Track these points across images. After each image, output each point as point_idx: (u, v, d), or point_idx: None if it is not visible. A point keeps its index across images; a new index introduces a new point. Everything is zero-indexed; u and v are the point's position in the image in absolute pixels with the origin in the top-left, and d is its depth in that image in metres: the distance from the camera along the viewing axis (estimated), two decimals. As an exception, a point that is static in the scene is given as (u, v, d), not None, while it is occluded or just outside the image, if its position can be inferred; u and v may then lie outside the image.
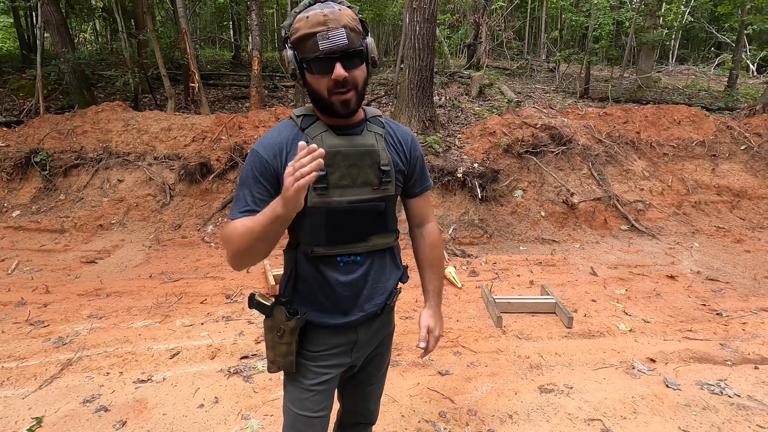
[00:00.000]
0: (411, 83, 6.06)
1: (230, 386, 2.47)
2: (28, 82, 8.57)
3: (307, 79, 1.11)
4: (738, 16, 10.50)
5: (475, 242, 4.84)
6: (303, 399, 1.25)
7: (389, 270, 1.30)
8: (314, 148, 0.92)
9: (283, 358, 1.21)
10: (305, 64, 1.08)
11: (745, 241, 5.03)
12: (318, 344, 1.24)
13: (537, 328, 3.18)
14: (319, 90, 1.09)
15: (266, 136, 1.18)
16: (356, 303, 1.22)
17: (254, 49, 7.32)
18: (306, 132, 1.15)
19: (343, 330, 1.24)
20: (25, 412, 2.26)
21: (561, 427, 2.19)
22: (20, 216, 5.21)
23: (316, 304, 1.21)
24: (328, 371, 1.26)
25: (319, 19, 1.02)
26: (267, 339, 1.23)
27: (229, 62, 13.09)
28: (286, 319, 1.17)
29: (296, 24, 1.06)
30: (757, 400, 2.38)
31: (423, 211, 1.38)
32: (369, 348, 1.33)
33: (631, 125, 6.47)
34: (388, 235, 1.25)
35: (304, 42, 1.05)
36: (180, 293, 3.68)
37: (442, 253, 1.44)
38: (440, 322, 1.40)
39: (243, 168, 1.17)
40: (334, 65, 1.04)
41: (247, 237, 1.04)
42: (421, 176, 1.33)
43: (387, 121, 1.26)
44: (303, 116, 1.18)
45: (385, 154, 1.18)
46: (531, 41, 16.87)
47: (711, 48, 17.78)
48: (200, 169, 5.50)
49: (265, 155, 1.13)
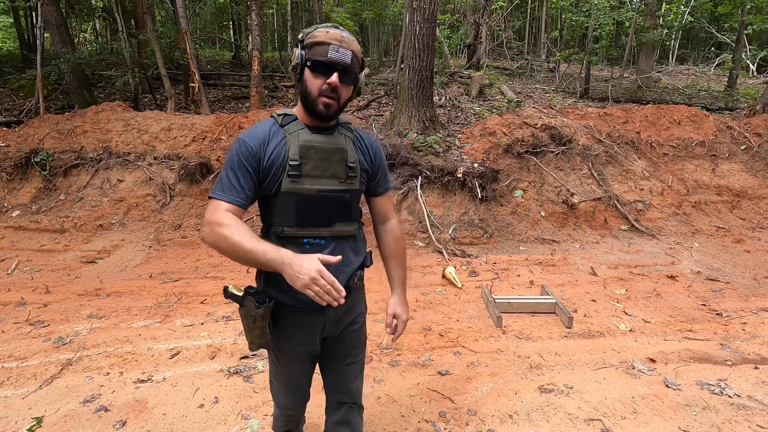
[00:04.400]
0: (411, 83, 6.06)
1: (230, 386, 2.47)
2: (28, 82, 8.57)
3: (304, 76, 1.28)
4: (738, 16, 10.51)
5: (475, 242, 4.84)
6: (282, 372, 1.47)
7: (351, 255, 1.42)
8: (341, 289, 1.10)
9: (259, 339, 1.36)
10: (309, 63, 1.26)
11: (745, 241, 5.03)
12: (290, 324, 1.39)
13: (537, 328, 3.18)
14: (312, 89, 1.27)
15: (251, 129, 1.33)
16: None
17: (254, 49, 7.32)
18: (285, 128, 1.32)
19: (312, 311, 1.38)
20: (25, 412, 2.26)
21: (561, 427, 2.19)
22: (20, 216, 5.21)
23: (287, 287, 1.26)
24: (302, 347, 1.43)
25: (337, 36, 1.25)
26: (243, 324, 1.37)
27: (229, 62, 13.09)
28: (255, 307, 1.30)
29: (317, 32, 1.27)
30: (757, 400, 2.38)
31: (385, 209, 1.56)
32: (340, 326, 1.46)
33: (631, 125, 6.47)
34: (351, 223, 1.41)
35: (318, 46, 1.25)
36: (180, 293, 3.68)
37: (404, 246, 1.61)
38: (406, 308, 1.56)
39: (229, 154, 1.30)
40: (332, 73, 1.25)
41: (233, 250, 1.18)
42: (384, 178, 1.51)
43: (355, 129, 1.46)
44: (283, 115, 1.35)
45: (352, 154, 1.37)
46: (531, 41, 16.87)
47: (711, 48, 17.78)
48: (200, 169, 5.50)
49: (251, 143, 1.28)
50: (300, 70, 1.28)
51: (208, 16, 16.02)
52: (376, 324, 3.20)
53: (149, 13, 7.80)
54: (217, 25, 16.76)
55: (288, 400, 1.57)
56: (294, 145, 1.30)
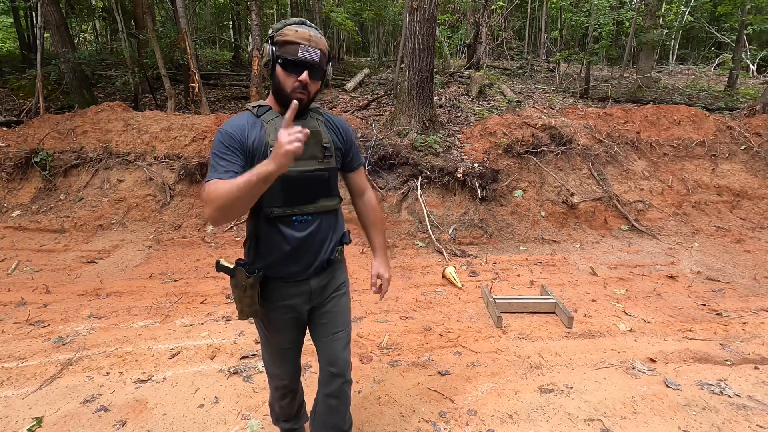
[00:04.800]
0: (411, 83, 6.06)
1: (230, 386, 2.47)
2: (28, 82, 8.56)
3: (276, 73, 1.39)
4: (738, 16, 10.51)
5: (475, 242, 4.84)
6: (271, 340, 1.61)
7: (333, 228, 1.59)
8: (301, 129, 1.19)
9: (249, 308, 1.49)
10: (281, 61, 1.37)
11: (745, 241, 5.03)
12: (278, 294, 1.53)
13: (537, 328, 3.18)
14: (285, 86, 1.39)
15: (229, 121, 1.43)
16: (308, 256, 1.51)
17: (254, 49, 7.32)
18: (261, 118, 1.44)
19: (298, 281, 1.53)
20: (25, 412, 2.26)
21: (561, 427, 2.19)
22: (20, 216, 5.21)
23: (275, 260, 1.49)
24: (290, 314, 1.56)
25: (305, 35, 1.36)
26: (234, 294, 1.50)
27: (229, 62, 13.09)
28: (246, 277, 1.44)
29: (286, 30, 1.36)
30: (757, 400, 2.38)
31: (361, 182, 1.71)
32: (325, 294, 1.61)
33: (631, 125, 6.47)
34: (332, 198, 1.56)
35: (288, 45, 1.35)
36: (180, 293, 3.68)
37: (382, 215, 1.78)
38: (389, 268, 1.75)
39: (213, 146, 1.39)
40: (302, 71, 1.36)
41: (233, 193, 1.21)
42: (356, 154, 1.66)
43: (324, 112, 1.59)
44: (258, 106, 1.47)
45: (326, 135, 1.51)
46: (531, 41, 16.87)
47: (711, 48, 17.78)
48: (200, 169, 5.50)
49: (233, 131, 1.38)
50: (272, 66, 1.39)
51: (208, 16, 16.02)
52: (376, 324, 3.21)
53: (149, 13, 7.80)
54: (217, 25, 16.76)
55: (279, 369, 1.67)
56: (272, 132, 1.40)
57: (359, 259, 4.41)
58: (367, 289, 3.74)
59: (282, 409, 1.82)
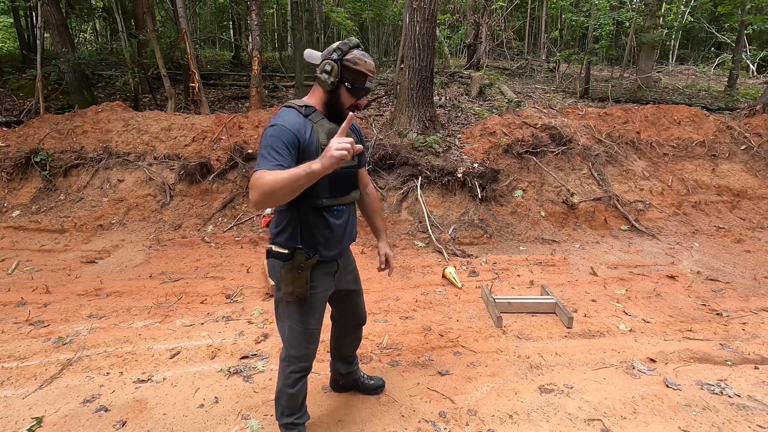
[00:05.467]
0: (411, 83, 6.05)
1: (230, 386, 2.47)
2: (28, 82, 8.56)
3: (339, 92, 1.63)
4: (738, 16, 10.51)
5: (475, 242, 4.84)
6: (309, 317, 1.77)
7: (354, 216, 1.91)
8: (353, 142, 1.37)
9: (301, 289, 1.67)
10: (348, 84, 1.61)
11: (745, 241, 5.03)
12: (317, 274, 1.74)
13: (537, 328, 3.18)
14: (344, 103, 1.64)
15: (286, 119, 1.57)
16: (341, 240, 1.78)
17: (254, 49, 7.32)
18: (309, 118, 1.62)
19: (330, 262, 1.79)
20: (25, 412, 2.26)
21: (561, 427, 2.19)
22: (20, 216, 5.21)
23: (316, 245, 1.70)
24: (324, 293, 1.81)
25: (372, 68, 1.65)
26: (287, 278, 1.66)
27: (229, 62, 13.09)
28: (306, 258, 1.65)
29: (358, 59, 1.61)
30: (757, 400, 2.38)
31: (365, 177, 2.05)
32: (344, 275, 1.92)
33: (631, 125, 6.47)
34: (357, 191, 1.86)
35: (359, 75, 1.61)
36: (180, 293, 3.68)
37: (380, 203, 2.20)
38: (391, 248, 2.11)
39: (268, 136, 1.52)
40: (362, 96, 1.67)
41: (279, 183, 1.35)
42: (364, 153, 1.88)
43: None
44: (305, 106, 1.64)
45: (354, 137, 1.81)
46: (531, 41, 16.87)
47: (711, 48, 17.77)
48: (200, 169, 5.50)
49: (291, 128, 1.53)
50: (336, 84, 1.60)
51: (208, 16, 16.02)
52: (376, 324, 3.21)
53: (149, 13, 7.80)
54: (217, 25, 16.76)
55: (307, 350, 1.81)
56: (322, 133, 1.61)
57: (359, 260, 4.41)
58: (369, 289, 3.74)
59: (290, 399, 1.87)
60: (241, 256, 4.53)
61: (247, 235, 4.95)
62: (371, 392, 2.39)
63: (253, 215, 5.19)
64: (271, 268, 1.76)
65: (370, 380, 2.40)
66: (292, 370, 1.83)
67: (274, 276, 1.77)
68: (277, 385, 1.89)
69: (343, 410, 2.28)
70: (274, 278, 1.78)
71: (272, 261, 1.73)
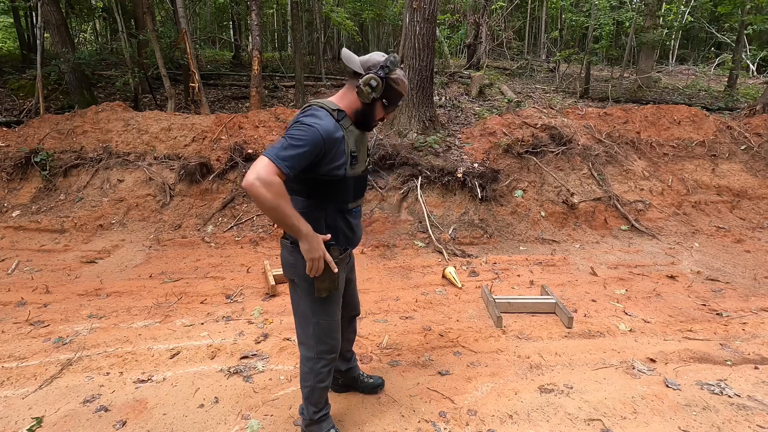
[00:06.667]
0: (411, 83, 6.05)
1: (230, 386, 2.47)
2: (28, 82, 8.56)
3: (375, 105, 1.69)
4: (738, 16, 10.51)
5: (475, 242, 4.84)
6: (335, 308, 1.86)
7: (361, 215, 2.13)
8: (330, 261, 1.68)
9: (335, 283, 1.74)
10: (386, 101, 1.70)
11: (745, 241, 5.03)
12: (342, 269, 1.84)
13: (537, 328, 3.18)
14: (376, 117, 1.73)
15: (324, 123, 1.58)
16: (357, 238, 1.90)
17: (254, 49, 7.32)
18: (340, 123, 1.65)
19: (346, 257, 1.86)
20: (25, 412, 2.26)
21: (561, 427, 2.19)
22: (20, 216, 5.21)
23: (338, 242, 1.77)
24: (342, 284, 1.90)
25: (407, 89, 1.77)
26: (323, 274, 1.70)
27: (229, 62, 13.09)
28: (340, 253, 1.76)
29: (400, 80, 1.70)
30: (757, 400, 2.38)
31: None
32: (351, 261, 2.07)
33: (631, 125, 6.47)
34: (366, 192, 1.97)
35: (398, 96, 1.72)
36: (180, 293, 3.68)
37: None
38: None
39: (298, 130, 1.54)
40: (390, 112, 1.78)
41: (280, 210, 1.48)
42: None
43: None
44: (337, 110, 1.66)
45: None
46: (531, 41, 16.88)
47: (711, 48, 17.78)
48: (200, 169, 5.50)
49: (324, 136, 1.55)
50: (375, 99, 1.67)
51: (208, 16, 16.02)
52: (376, 324, 3.21)
53: (149, 13, 7.79)
54: (217, 25, 16.77)
55: (334, 339, 1.88)
56: (351, 140, 1.67)
57: (360, 260, 4.41)
58: (369, 289, 3.74)
59: (322, 392, 1.93)
60: (241, 256, 4.53)
61: (247, 235, 4.95)
62: (371, 390, 2.39)
63: (253, 215, 5.19)
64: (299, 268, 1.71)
65: (369, 378, 2.41)
66: (323, 365, 1.88)
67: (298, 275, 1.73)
68: (304, 389, 1.92)
69: (343, 410, 2.28)
70: (299, 277, 1.74)
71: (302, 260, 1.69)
